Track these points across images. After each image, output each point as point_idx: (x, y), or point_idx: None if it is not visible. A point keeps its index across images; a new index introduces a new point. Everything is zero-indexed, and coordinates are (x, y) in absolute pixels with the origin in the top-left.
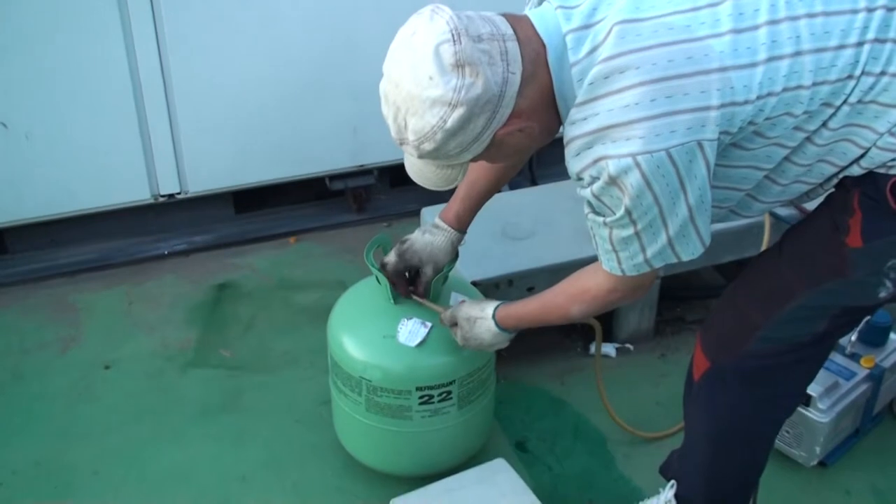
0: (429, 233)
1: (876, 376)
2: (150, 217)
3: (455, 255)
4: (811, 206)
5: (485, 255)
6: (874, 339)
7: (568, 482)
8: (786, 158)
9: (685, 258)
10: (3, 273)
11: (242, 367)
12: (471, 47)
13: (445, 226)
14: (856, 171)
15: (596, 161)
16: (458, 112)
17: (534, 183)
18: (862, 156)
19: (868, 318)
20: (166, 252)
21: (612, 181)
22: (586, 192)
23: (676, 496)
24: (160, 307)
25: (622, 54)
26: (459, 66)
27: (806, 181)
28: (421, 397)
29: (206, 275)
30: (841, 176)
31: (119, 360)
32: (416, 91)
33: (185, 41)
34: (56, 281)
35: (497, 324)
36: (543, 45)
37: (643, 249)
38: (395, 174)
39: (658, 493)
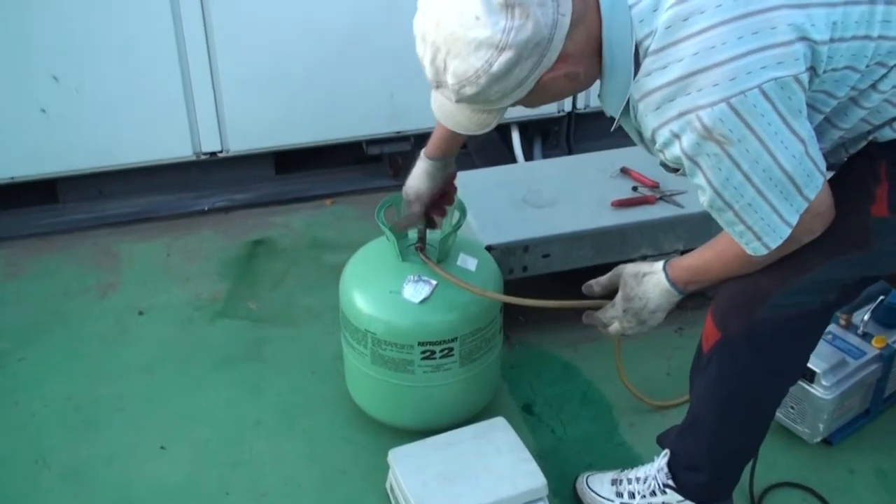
0: (415, 168)
1: (886, 357)
2: (193, 174)
3: (463, 209)
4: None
5: (502, 220)
6: (889, 319)
7: (569, 445)
8: (827, 120)
9: (812, 196)
10: (53, 221)
11: (267, 319)
12: None
13: (423, 157)
14: (887, 133)
15: (682, 114)
16: (506, 55)
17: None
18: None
19: (883, 298)
20: (206, 208)
21: (708, 134)
22: (674, 153)
23: (682, 468)
24: (196, 260)
25: None
26: (509, 6)
27: (845, 137)
28: (423, 352)
29: (244, 231)
30: (870, 137)
31: (152, 308)
32: (460, 31)
33: (228, 1)
34: (102, 231)
35: (668, 276)
36: None
37: (769, 202)
38: None
39: (654, 461)
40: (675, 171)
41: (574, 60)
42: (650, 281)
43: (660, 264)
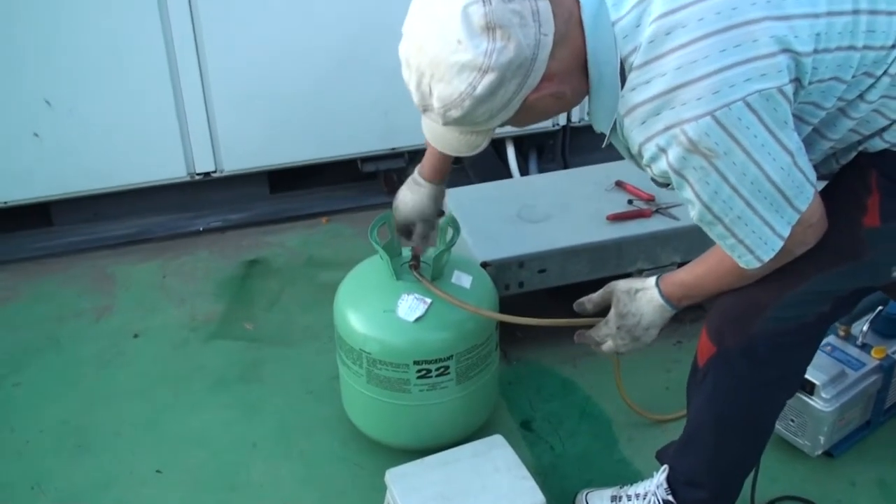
0: (411, 190)
1: (886, 368)
2: (188, 194)
3: (456, 226)
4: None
5: (497, 236)
6: (887, 329)
7: (569, 462)
8: (816, 131)
9: (804, 207)
10: (48, 244)
11: (263, 339)
12: (501, 8)
13: (424, 182)
14: (877, 144)
15: (667, 128)
16: (489, 78)
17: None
18: (886, 128)
19: (881, 308)
20: (201, 228)
21: (694, 147)
22: (661, 168)
23: (681, 483)
24: (192, 281)
25: (680, 8)
26: (490, 28)
27: (835, 147)
28: (419, 371)
29: (239, 251)
30: (860, 148)
31: (148, 330)
32: (442, 55)
33: (219, 22)
34: (97, 253)
35: (661, 292)
36: (577, 3)
37: (759, 215)
38: None
39: (653, 476)
40: (666, 185)
41: (560, 80)
42: (643, 297)
43: (652, 280)
